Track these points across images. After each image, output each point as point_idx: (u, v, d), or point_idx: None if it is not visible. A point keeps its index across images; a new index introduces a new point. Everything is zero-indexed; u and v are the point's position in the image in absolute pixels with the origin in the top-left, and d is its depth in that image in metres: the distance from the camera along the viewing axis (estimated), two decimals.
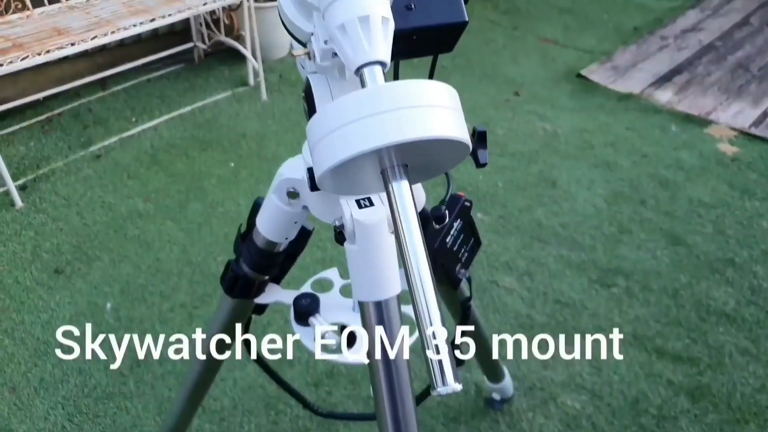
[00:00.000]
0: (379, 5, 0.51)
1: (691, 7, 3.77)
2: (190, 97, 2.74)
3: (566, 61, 3.13)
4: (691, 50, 3.25)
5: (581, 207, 2.14)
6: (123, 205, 2.12)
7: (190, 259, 1.91)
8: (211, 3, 2.43)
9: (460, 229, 0.84)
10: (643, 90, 2.87)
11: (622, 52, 3.21)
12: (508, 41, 3.33)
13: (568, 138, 2.52)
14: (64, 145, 2.41)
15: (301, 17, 0.59)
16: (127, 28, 2.21)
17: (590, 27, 3.51)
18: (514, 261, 1.92)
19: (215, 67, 2.98)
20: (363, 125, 0.43)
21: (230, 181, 2.24)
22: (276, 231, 0.78)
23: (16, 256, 1.91)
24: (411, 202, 0.45)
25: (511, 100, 2.79)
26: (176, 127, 2.53)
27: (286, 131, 2.54)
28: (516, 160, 2.38)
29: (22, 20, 2.29)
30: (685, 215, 2.10)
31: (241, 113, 2.64)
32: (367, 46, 0.49)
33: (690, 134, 2.54)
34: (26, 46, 2.07)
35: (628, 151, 2.44)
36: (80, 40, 2.12)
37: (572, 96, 2.84)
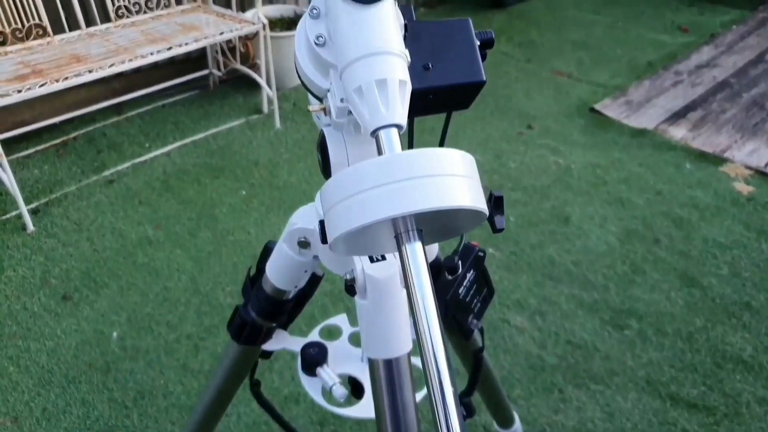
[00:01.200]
0: (397, 68, 0.50)
1: (705, 43, 3.77)
2: (204, 123, 2.75)
3: (580, 95, 3.13)
4: (706, 86, 3.24)
5: (594, 245, 2.12)
6: (133, 231, 2.12)
7: (198, 288, 1.90)
8: (228, 33, 2.46)
9: (473, 280, 0.82)
10: (657, 126, 2.86)
11: (635, 87, 3.21)
12: (521, 74, 3.34)
13: (581, 173, 2.50)
14: (78, 170, 2.42)
15: (318, 74, 0.58)
16: (145, 56, 2.24)
17: (604, 61, 3.52)
18: (525, 299, 1.89)
19: (230, 94, 3.00)
20: (379, 193, 0.43)
21: (241, 209, 2.24)
22: (286, 279, 0.76)
23: (25, 281, 1.91)
24: (425, 265, 0.44)
25: (524, 134, 2.79)
26: (189, 154, 2.54)
27: (298, 160, 2.54)
28: (528, 194, 2.37)
29: (42, 47, 2.33)
30: (700, 256, 2.07)
31: (254, 141, 2.66)
32: (384, 109, 0.48)
33: (704, 172, 2.52)
34: (45, 72, 2.10)
35: (641, 188, 2.42)
36: (98, 67, 2.14)
37: (585, 131, 2.83)
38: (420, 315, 0.43)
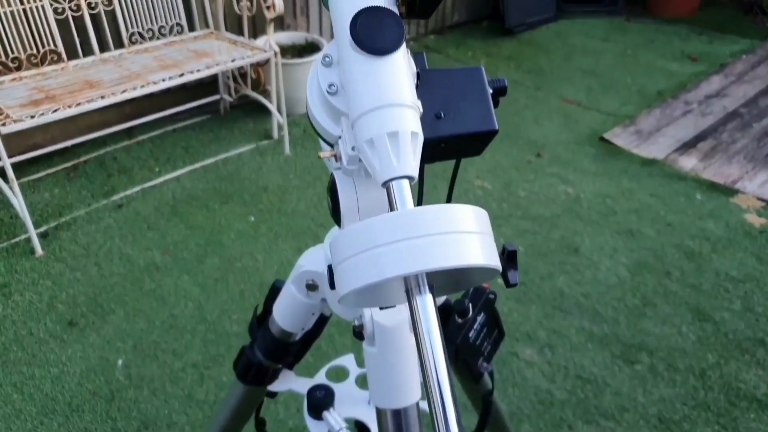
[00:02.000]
0: (409, 120, 0.50)
1: (714, 72, 3.77)
2: (214, 148, 2.77)
3: (589, 124, 3.13)
4: (716, 116, 3.23)
5: (604, 276, 2.09)
6: (141, 257, 2.12)
7: (204, 316, 1.89)
8: (240, 60, 2.48)
9: (484, 323, 0.81)
10: (667, 156, 2.85)
11: (645, 116, 3.20)
12: (530, 102, 3.34)
13: (591, 203, 2.49)
14: (88, 194, 2.43)
15: (330, 120, 0.58)
16: (157, 82, 2.26)
17: (613, 89, 3.52)
18: (535, 332, 1.86)
19: (240, 119, 3.03)
20: (391, 251, 0.42)
21: (249, 235, 2.24)
22: (293, 322, 0.75)
23: (32, 306, 1.91)
24: (435, 318, 0.44)
25: (533, 162, 2.78)
26: (199, 179, 2.55)
27: (307, 186, 2.54)
28: (538, 224, 2.35)
29: (56, 72, 2.36)
30: (712, 289, 2.04)
31: (263, 166, 2.66)
32: (396, 161, 0.48)
33: (716, 203, 2.50)
34: (58, 98, 2.12)
35: (652, 219, 2.40)
36: (110, 93, 2.16)
37: (595, 159, 2.82)
38: (430, 371, 0.42)
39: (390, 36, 0.51)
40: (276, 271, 2.06)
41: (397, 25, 0.52)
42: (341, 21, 0.53)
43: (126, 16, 2.54)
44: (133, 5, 2.55)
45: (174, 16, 2.67)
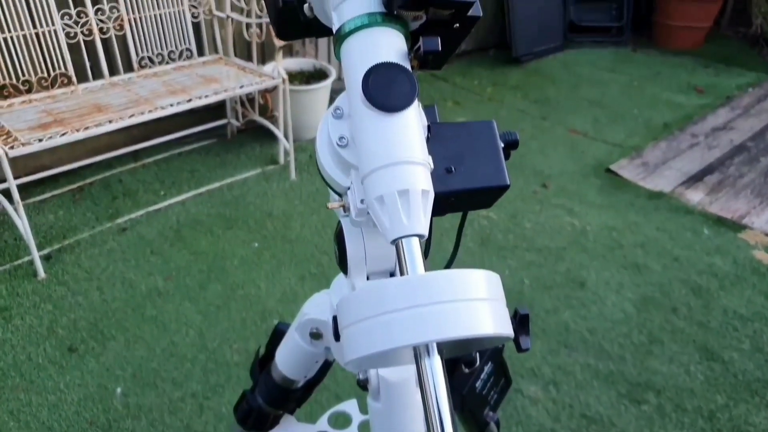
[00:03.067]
0: (420, 178, 0.49)
1: (721, 105, 3.77)
2: (220, 172, 2.77)
3: (595, 155, 3.12)
4: (722, 150, 3.23)
5: (610, 312, 2.07)
6: (143, 282, 2.10)
7: (205, 344, 1.87)
8: (248, 86, 2.49)
9: (491, 372, 0.79)
10: (673, 189, 2.83)
11: (652, 148, 3.20)
12: (536, 131, 3.35)
13: (597, 236, 2.47)
14: (92, 216, 2.43)
15: (339, 171, 0.57)
16: (164, 107, 2.27)
17: (620, 121, 3.53)
18: (539, 368, 1.83)
19: (247, 143, 3.03)
20: (402, 318, 0.41)
21: (252, 262, 2.23)
22: (296, 369, 0.74)
23: (32, 330, 1.89)
24: (443, 379, 0.43)
25: (538, 192, 2.77)
26: (204, 203, 2.55)
27: (311, 212, 2.53)
28: (543, 256, 2.33)
29: (66, 95, 2.37)
30: (720, 328, 2.01)
31: (269, 192, 2.66)
32: (406, 219, 0.47)
33: (723, 239, 2.48)
34: (66, 121, 2.13)
35: (658, 254, 2.38)
36: (118, 117, 2.17)
37: (601, 191, 2.81)
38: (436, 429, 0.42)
39: (402, 93, 0.51)
40: (278, 300, 2.05)
41: (410, 81, 0.51)
42: (353, 75, 0.53)
43: (136, 40, 2.56)
44: (144, 30, 2.57)
45: (184, 41, 2.70)
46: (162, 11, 2.59)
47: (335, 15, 0.56)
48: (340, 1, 0.55)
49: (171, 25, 2.64)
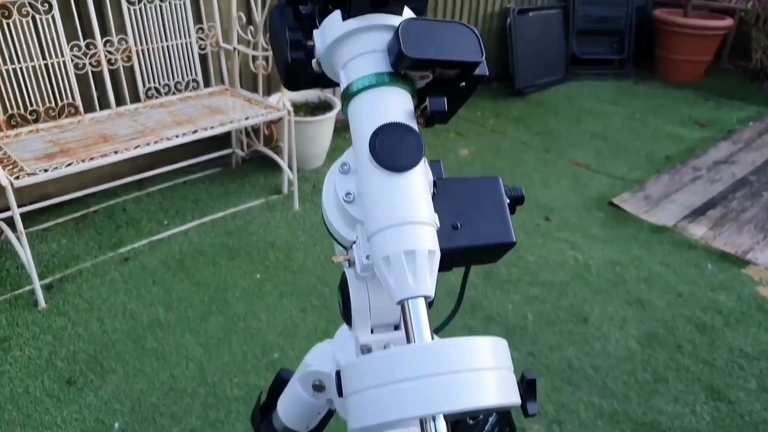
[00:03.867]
0: (426, 238, 0.49)
1: (722, 138, 3.79)
2: (224, 202, 2.78)
3: (598, 188, 3.13)
4: (725, 183, 3.23)
5: (614, 348, 2.05)
6: (145, 313, 2.09)
7: (205, 378, 1.85)
8: (253, 118, 2.51)
9: (495, 422, 0.78)
10: (676, 223, 2.83)
11: (654, 182, 3.21)
12: (539, 164, 3.36)
13: (600, 270, 2.46)
14: (95, 245, 2.43)
15: (345, 225, 0.57)
16: (170, 138, 2.28)
17: (622, 153, 3.54)
18: (543, 406, 1.81)
19: (251, 173, 3.05)
20: (408, 389, 0.41)
21: (254, 293, 2.22)
22: (298, 420, 0.73)
23: (31, 362, 1.88)
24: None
25: (541, 225, 2.77)
26: (207, 233, 2.55)
27: (314, 243, 2.53)
28: (547, 290, 2.32)
29: (72, 125, 2.39)
30: (726, 366, 1.99)
31: (272, 222, 2.66)
32: (412, 281, 0.47)
33: (727, 274, 2.46)
34: (72, 152, 2.15)
35: (662, 289, 2.36)
36: (124, 148, 2.19)
37: (604, 225, 2.81)
38: None
39: (409, 153, 0.51)
40: (279, 333, 2.03)
41: (416, 141, 0.52)
42: (360, 134, 0.53)
43: (144, 71, 2.60)
44: (152, 62, 2.60)
45: (190, 72, 2.73)
46: (170, 43, 2.63)
47: (343, 73, 0.57)
48: (347, 59, 0.56)
49: (178, 56, 2.67)
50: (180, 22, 2.63)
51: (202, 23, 2.73)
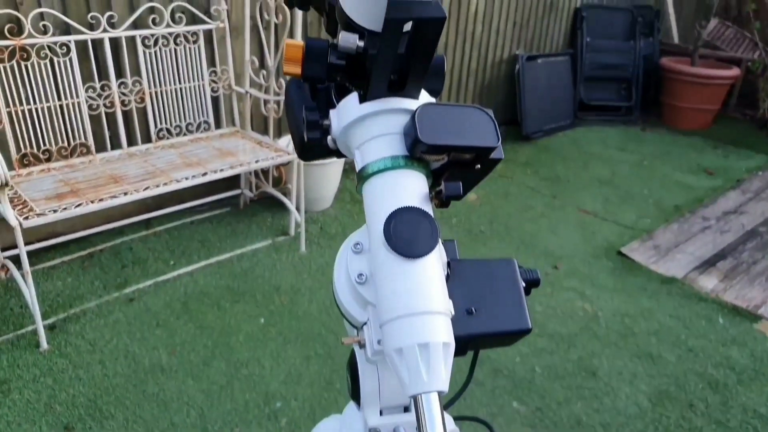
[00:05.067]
0: (441, 330, 0.48)
1: (731, 188, 3.78)
2: (231, 242, 2.78)
3: (606, 236, 3.11)
4: (734, 234, 3.21)
5: (623, 405, 2.00)
6: (147, 356, 2.07)
7: (206, 426, 1.81)
8: (263, 161, 2.53)
9: None
10: (686, 274, 2.80)
11: (663, 231, 3.19)
12: (547, 210, 3.35)
13: (609, 322, 2.42)
14: (100, 285, 2.42)
15: (356, 305, 0.56)
16: (180, 180, 2.29)
17: (630, 201, 3.53)
18: None
19: (259, 213, 3.05)
20: None
21: (258, 339, 2.19)
22: None
23: (29, 406, 1.85)
24: None
25: (550, 274, 2.75)
26: (212, 275, 2.54)
27: (320, 287, 2.51)
28: (555, 342, 2.28)
29: (84, 164, 2.41)
30: (740, 427, 1.93)
31: (278, 264, 2.65)
32: (426, 375, 0.46)
33: (739, 329, 2.42)
34: (82, 192, 2.16)
35: (672, 343, 2.32)
36: (133, 189, 2.19)
37: (613, 274, 2.78)
38: None
39: (424, 240, 0.50)
40: (282, 381, 2.00)
41: (431, 227, 0.51)
42: (375, 217, 0.53)
43: (156, 113, 2.63)
44: (164, 103, 2.64)
45: (202, 114, 2.76)
46: (183, 85, 2.67)
47: (358, 153, 0.56)
48: (363, 141, 0.56)
49: (191, 98, 2.71)
50: (194, 66, 2.68)
51: (215, 66, 2.77)
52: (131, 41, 2.49)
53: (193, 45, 2.66)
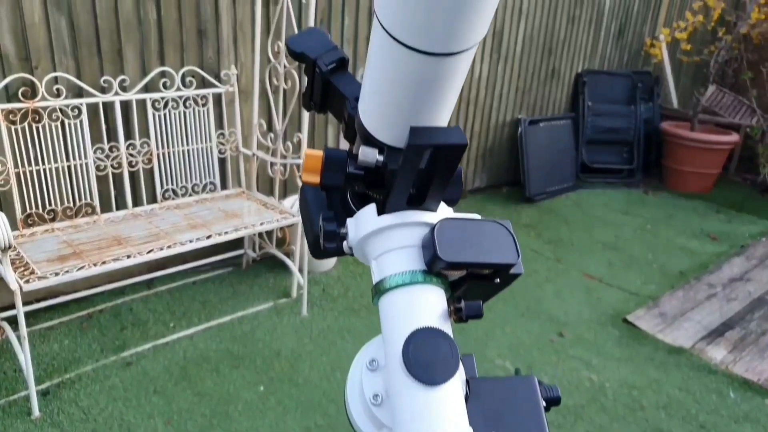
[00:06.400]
0: None
1: (736, 254, 3.77)
2: (232, 304, 2.74)
3: (611, 302, 3.08)
4: (741, 303, 3.17)
5: None
6: (142, 426, 2.01)
7: None
8: (267, 224, 2.53)
9: None
10: (694, 344, 2.75)
11: (669, 298, 3.15)
12: (551, 274, 3.33)
13: (617, 393, 2.36)
14: (98, 347, 2.38)
15: (370, 425, 0.54)
16: (184, 243, 2.28)
17: (635, 266, 3.51)
18: None
19: (261, 273, 3.03)
20: None
21: (257, 408, 2.13)
22: None
23: None
24: None
25: (555, 341, 2.70)
26: (213, 338, 2.49)
27: (321, 353, 2.47)
28: (561, 415, 2.22)
29: (88, 225, 2.41)
30: None
31: (279, 327, 2.61)
32: None
33: (750, 404, 2.36)
34: (85, 254, 2.14)
35: (682, 418, 2.26)
36: (137, 252, 2.18)
37: (619, 343, 2.73)
38: None
39: (444, 365, 0.48)
40: None
41: (452, 350, 0.50)
42: (392, 336, 0.51)
43: (163, 174, 2.65)
44: (172, 164, 2.66)
45: (209, 175, 2.78)
46: (191, 147, 2.70)
47: (375, 264, 0.55)
48: (380, 253, 0.55)
49: (198, 159, 2.73)
50: (203, 128, 2.71)
51: (223, 129, 2.81)
52: (141, 104, 2.53)
53: (202, 108, 2.70)
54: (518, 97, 4.38)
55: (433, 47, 0.43)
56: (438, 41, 0.43)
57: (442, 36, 0.42)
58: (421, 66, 0.45)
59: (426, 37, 0.43)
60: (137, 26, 2.49)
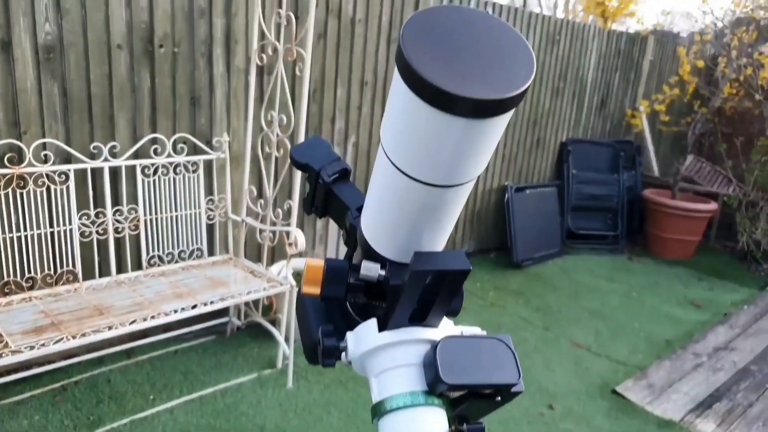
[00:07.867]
0: None
1: (719, 323, 3.78)
2: (215, 375, 2.66)
3: (600, 372, 3.05)
4: (727, 373, 3.16)
5: None
6: None
7: None
8: (254, 293, 2.49)
9: None
10: (683, 417, 2.71)
11: (656, 368, 3.13)
12: (540, 343, 3.30)
13: None
14: (70, 424, 2.27)
15: None
16: (168, 313, 2.23)
17: (622, 334, 3.50)
18: None
19: (245, 342, 2.96)
20: None
21: None
22: None
23: None
24: None
25: (545, 414, 2.65)
26: (194, 412, 2.41)
27: (306, 428, 2.38)
28: None
29: (69, 293, 2.35)
30: None
31: (263, 401, 2.53)
32: None
33: None
34: (64, 325, 2.08)
35: None
36: (118, 323, 2.13)
37: (609, 415, 2.68)
38: None
39: None
40: None
41: None
42: None
43: (149, 240, 2.62)
44: (159, 231, 2.64)
45: (196, 241, 2.76)
46: (179, 213, 2.68)
47: (375, 382, 0.54)
48: (380, 370, 0.54)
49: (186, 226, 2.71)
50: (192, 194, 2.71)
51: (213, 195, 2.81)
52: (131, 170, 2.53)
53: (192, 174, 2.70)
54: (505, 165, 4.46)
55: (436, 180, 0.45)
56: (441, 176, 0.44)
57: (446, 173, 0.44)
58: (424, 194, 0.46)
59: (430, 173, 0.44)
60: (130, 93, 2.52)
